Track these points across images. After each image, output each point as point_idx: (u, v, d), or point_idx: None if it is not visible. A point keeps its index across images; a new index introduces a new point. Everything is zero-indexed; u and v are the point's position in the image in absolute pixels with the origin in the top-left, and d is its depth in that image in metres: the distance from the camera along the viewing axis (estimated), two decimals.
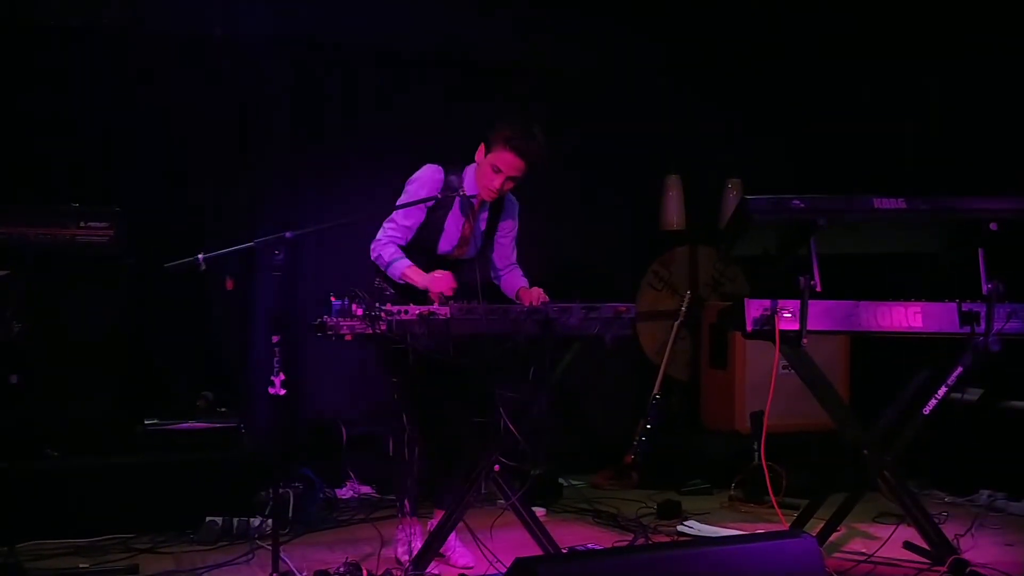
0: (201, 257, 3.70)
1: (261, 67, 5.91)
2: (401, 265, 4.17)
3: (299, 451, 5.61)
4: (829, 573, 3.94)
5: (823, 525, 4.34)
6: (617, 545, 4.67)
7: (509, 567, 2.91)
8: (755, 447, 5.61)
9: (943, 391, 4.14)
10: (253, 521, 4.78)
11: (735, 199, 6.72)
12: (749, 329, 4.07)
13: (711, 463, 6.06)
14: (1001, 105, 5.90)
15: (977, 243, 4.03)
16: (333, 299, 3.69)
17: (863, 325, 4.10)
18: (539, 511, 5.08)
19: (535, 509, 4.48)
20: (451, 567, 4.35)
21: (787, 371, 4.40)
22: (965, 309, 4.07)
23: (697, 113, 6.89)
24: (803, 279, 3.90)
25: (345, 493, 5.58)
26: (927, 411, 4.17)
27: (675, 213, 6.83)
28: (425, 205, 4.24)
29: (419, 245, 4.32)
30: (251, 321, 5.80)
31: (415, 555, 4.06)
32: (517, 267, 4.54)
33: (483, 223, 4.40)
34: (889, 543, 4.46)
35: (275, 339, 3.75)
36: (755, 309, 4.06)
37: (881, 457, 4.20)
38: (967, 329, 4.05)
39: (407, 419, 4.16)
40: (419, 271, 4.13)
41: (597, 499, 5.64)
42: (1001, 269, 4.03)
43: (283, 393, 3.74)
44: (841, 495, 4.35)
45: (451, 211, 4.30)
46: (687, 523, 5.10)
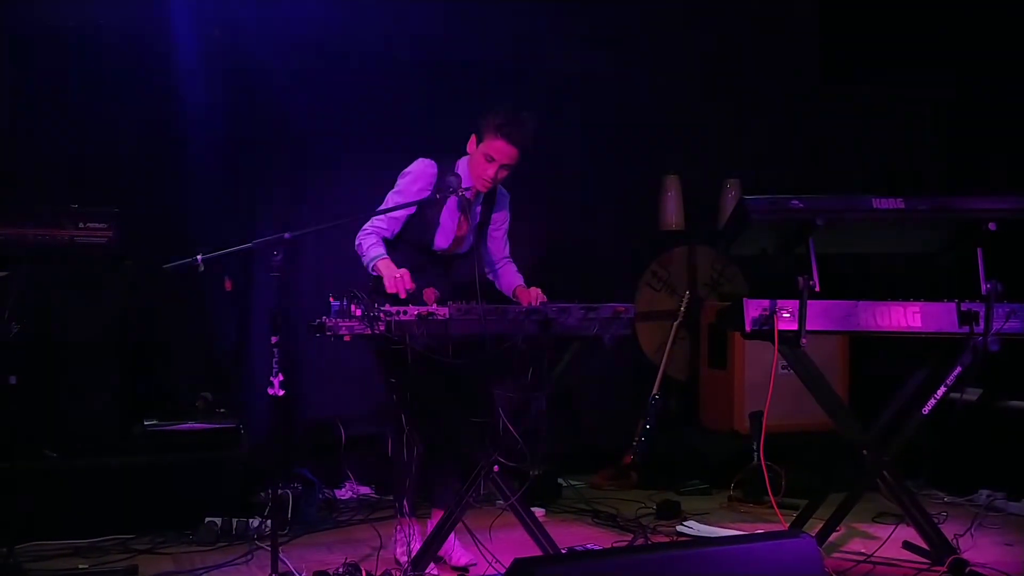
0: (200, 258, 3.70)
1: (260, 67, 5.90)
2: (375, 258, 4.14)
3: (298, 452, 5.62)
4: (828, 573, 3.94)
5: (822, 525, 4.34)
6: (616, 545, 4.67)
7: (508, 567, 2.90)
8: (754, 447, 5.61)
9: (942, 391, 4.14)
10: (252, 522, 4.78)
11: (734, 199, 6.71)
12: (748, 329, 4.07)
13: (710, 463, 6.05)
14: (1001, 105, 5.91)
15: (976, 243, 4.03)
16: (332, 300, 3.69)
17: (862, 325, 4.10)
18: (538, 511, 5.08)
19: (534, 509, 4.48)
20: (448, 566, 4.35)
21: (786, 371, 4.39)
22: (964, 309, 4.07)
23: (696, 113, 6.89)
24: (802, 279, 3.90)
25: (344, 494, 5.58)
26: (926, 411, 4.17)
27: (674, 213, 6.82)
28: (418, 198, 4.23)
29: (414, 241, 4.32)
30: (250, 322, 5.80)
31: (414, 556, 4.06)
32: (511, 261, 4.54)
33: (476, 216, 4.40)
34: (888, 543, 4.46)
35: (274, 340, 3.75)
36: (754, 309, 4.06)
37: (880, 457, 4.20)
38: (966, 329, 4.05)
39: (405, 420, 4.15)
40: (390, 265, 4.08)
41: (596, 499, 5.63)
42: (1000, 269, 4.03)
43: (282, 394, 3.75)
44: (840, 495, 4.35)
45: (446, 206, 4.29)
46: (686, 523, 5.10)
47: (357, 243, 4.24)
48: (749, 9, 6.69)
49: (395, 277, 3.97)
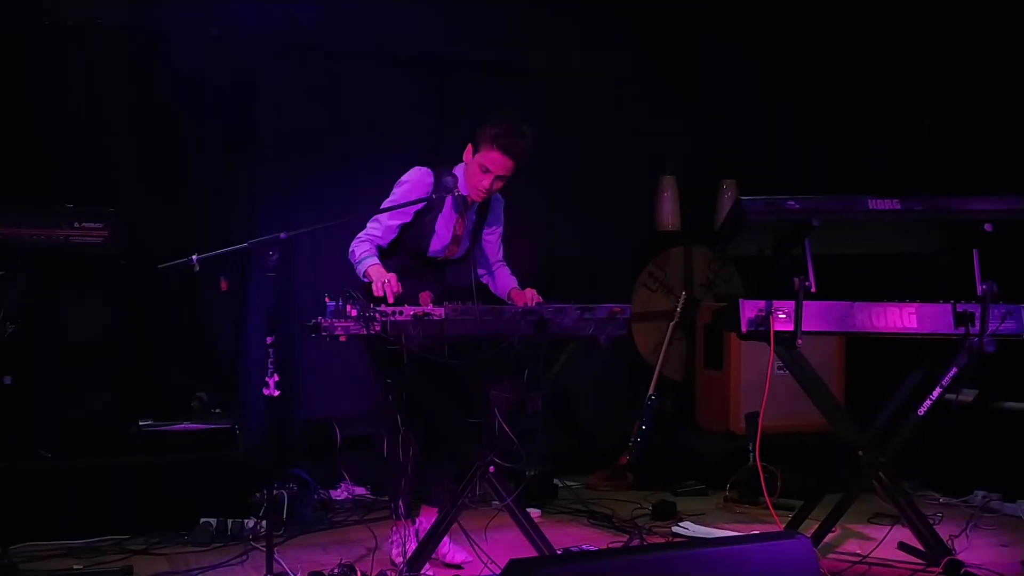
0: (195, 258, 3.69)
1: (258, 68, 5.90)
2: (366, 264, 4.11)
3: (293, 452, 5.61)
4: (824, 574, 3.94)
5: (818, 526, 4.34)
6: (612, 546, 4.67)
7: (503, 568, 2.90)
8: (750, 448, 5.60)
9: (938, 392, 4.14)
10: (247, 522, 4.78)
11: (730, 200, 6.72)
12: (744, 330, 4.07)
13: (706, 464, 6.05)
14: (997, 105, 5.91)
15: (972, 244, 4.03)
16: (328, 300, 3.68)
17: (858, 326, 4.10)
18: (534, 512, 5.08)
19: (530, 510, 4.48)
20: (444, 565, 4.35)
21: (782, 372, 4.40)
22: (960, 310, 4.07)
23: (692, 113, 6.89)
24: (798, 280, 3.90)
25: (339, 494, 5.58)
26: (922, 412, 4.17)
27: (670, 214, 6.82)
28: (414, 209, 4.23)
29: (409, 247, 4.32)
30: (245, 322, 5.79)
31: (409, 556, 4.06)
32: (505, 265, 4.54)
33: (471, 222, 4.40)
34: (884, 544, 4.46)
35: (269, 340, 3.74)
36: (750, 310, 4.07)
37: (876, 458, 4.21)
38: (962, 330, 4.05)
39: (401, 420, 4.15)
40: (380, 271, 4.04)
41: (592, 500, 5.63)
42: (996, 270, 4.04)
43: (277, 394, 3.74)
44: (836, 496, 4.35)
45: (442, 212, 4.29)
46: (682, 524, 5.10)
47: (351, 250, 4.23)
48: (744, 9, 6.68)
49: (383, 281, 3.92)
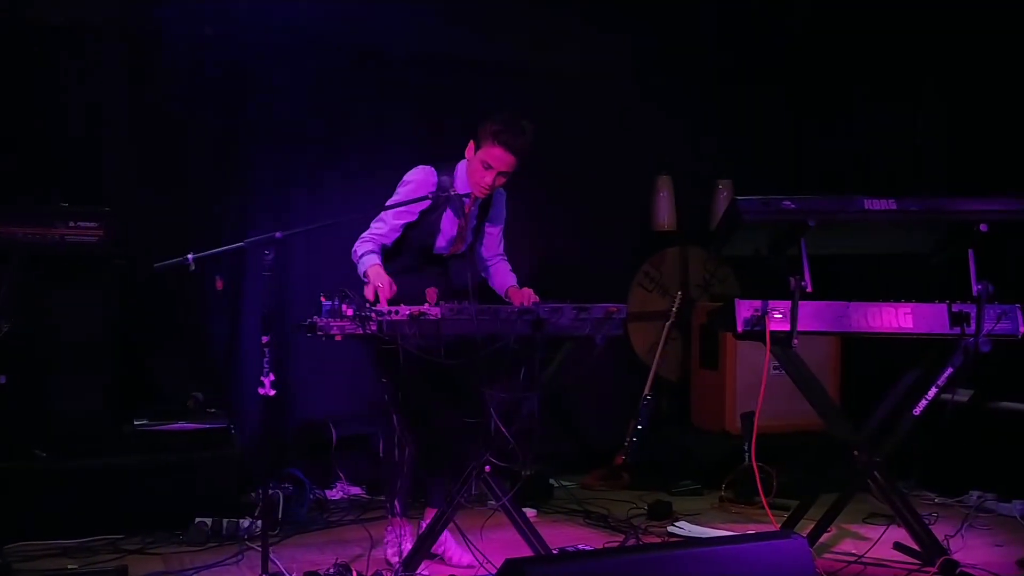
0: (191, 257, 3.69)
1: (253, 66, 5.89)
2: (367, 264, 4.13)
3: (288, 452, 5.61)
4: (819, 574, 3.94)
5: (813, 526, 4.34)
6: (608, 546, 4.66)
7: (499, 568, 2.90)
8: (746, 448, 5.61)
9: (933, 392, 4.14)
10: (242, 522, 4.76)
11: (726, 200, 6.72)
12: (740, 330, 4.07)
13: (702, 464, 6.05)
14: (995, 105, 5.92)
15: (967, 244, 4.03)
16: (323, 299, 3.68)
17: (853, 326, 4.10)
18: (530, 512, 5.08)
19: (526, 510, 4.49)
20: (447, 566, 4.35)
21: (778, 372, 4.40)
22: (955, 310, 4.08)
23: (689, 113, 6.89)
24: (794, 280, 3.90)
25: (335, 494, 5.57)
26: (917, 412, 4.17)
27: (666, 213, 6.82)
28: (419, 207, 4.24)
29: (416, 244, 4.33)
30: (241, 321, 5.78)
31: (405, 556, 4.05)
32: (505, 259, 4.54)
33: (474, 217, 4.40)
34: (879, 544, 4.46)
35: (265, 339, 3.74)
36: (746, 310, 4.06)
37: (871, 458, 4.20)
38: (957, 330, 4.06)
39: (397, 420, 4.15)
40: (379, 273, 4.04)
41: (588, 500, 5.62)
42: (991, 270, 4.04)
43: (273, 394, 3.74)
44: (832, 496, 4.35)
45: (446, 211, 4.30)
46: (677, 524, 5.09)
47: (354, 249, 4.23)
48: (742, 8, 6.69)
49: (377, 287, 3.92)
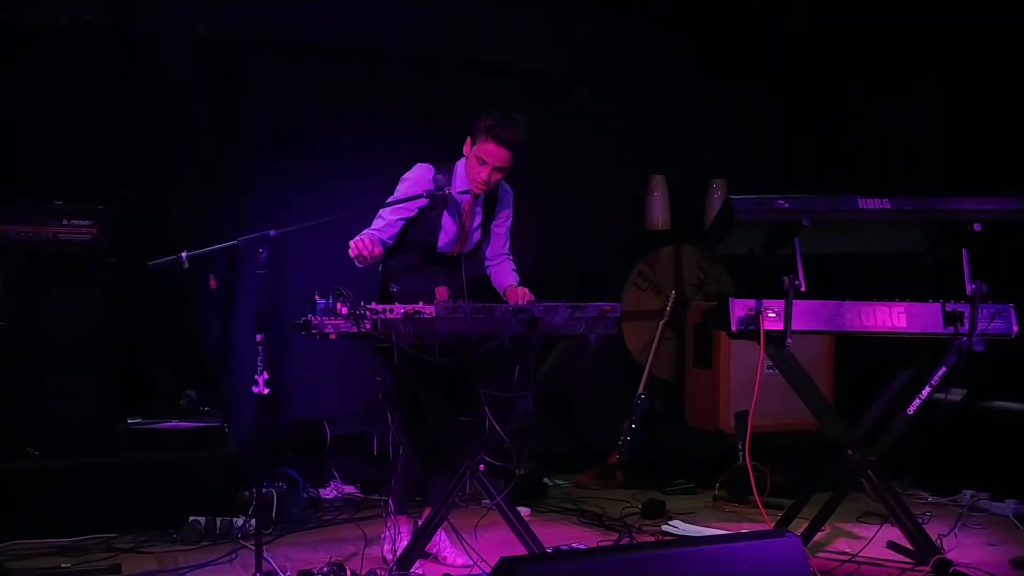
0: (185, 255, 3.69)
1: (247, 65, 5.88)
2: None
3: (282, 450, 5.60)
4: (813, 573, 3.95)
5: (807, 525, 4.34)
6: (602, 545, 4.67)
7: (494, 567, 2.90)
8: (739, 447, 5.62)
9: (927, 391, 4.15)
10: (236, 521, 4.76)
11: (720, 199, 6.73)
12: (734, 329, 4.07)
13: (696, 463, 6.05)
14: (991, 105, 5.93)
15: (961, 243, 4.04)
16: (318, 298, 3.67)
17: (847, 325, 4.11)
18: (524, 511, 5.07)
19: (520, 509, 4.48)
20: (441, 565, 4.35)
21: (771, 371, 4.40)
22: (949, 309, 4.08)
23: (683, 113, 6.89)
24: (787, 279, 3.90)
25: (329, 493, 5.56)
26: (911, 411, 4.18)
27: (660, 213, 6.83)
28: (417, 204, 4.24)
29: (417, 243, 4.33)
30: (235, 320, 5.77)
31: (399, 554, 4.05)
32: (509, 258, 4.53)
33: (479, 215, 4.40)
34: (873, 543, 4.47)
35: (259, 338, 3.73)
36: (740, 309, 4.07)
37: (865, 457, 4.21)
38: (951, 329, 4.07)
39: (391, 418, 4.15)
40: (364, 234, 4.10)
41: (582, 499, 5.63)
42: (984, 269, 4.05)
43: (267, 392, 3.73)
44: (825, 495, 4.35)
45: (447, 208, 4.29)
46: (671, 523, 5.10)
47: (350, 244, 4.23)
48: (736, 8, 6.69)
49: (362, 237, 3.99)
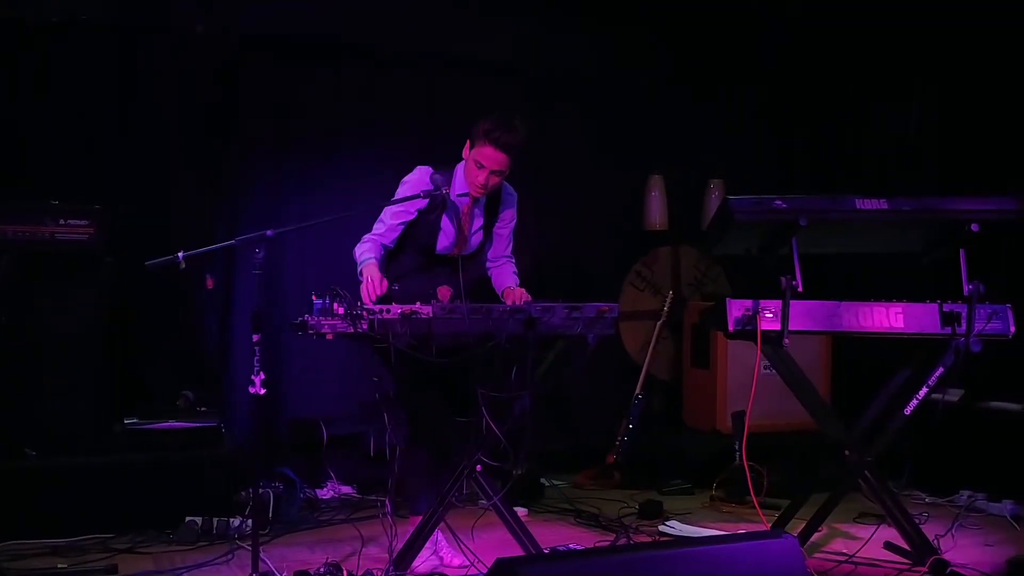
0: (181, 255, 3.68)
1: (245, 64, 5.87)
2: (364, 265, 4.15)
3: (279, 451, 5.60)
4: (810, 573, 3.94)
5: (804, 525, 4.34)
6: (599, 545, 4.67)
7: (490, 567, 2.90)
8: (736, 447, 5.60)
9: (924, 391, 4.15)
10: (233, 521, 4.76)
11: (718, 199, 6.73)
12: (731, 329, 4.07)
13: (693, 463, 6.05)
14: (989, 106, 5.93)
15: (959, 244, 4.04)
16: (314, 298, 3.67)
17: (845, 325, 4.11)
18: (521, 511, 5.07)
19: (517, 509, 4.48)
20: (450, 568, 4.33)
21: (769, 371, 4.40)
22: (946, 310, 4.08)
23: (680, 112, 6.89)
24: (785, 279, 3.90)
25: (326, 493, 5.56)
26: (908, 411, 4.18)
27: (658, 213, 6.83)
28: (416, 206, 4.23)
29: (418, 244, 4.32)
30: (232, 320, 5.77)
31: (396, 555, 4.05)
32: (511, 261, 4.53)
33: (481, 217, 4.39)
34: (870, 543, 4.47)
35: (256, 338, 3.73)
36: (737, 309, 4.07)
37: (862, 457, 4.21)
38: (948, 330, 4.06)
39: (388, 418, 4.14)
40: (373, 271, 4.08)
41: (579, 499, 5.63)
42: (982, 270, 4.05)
43: (263, 392, 3.73)
44: (822, 495, 4.35)
45: (447, 210, 4.29)
46: (669, 523, 5.10)
47: (354, 251, 4.25)
48: (734, 8, 6.69)
49: (369, 278, 3.98)
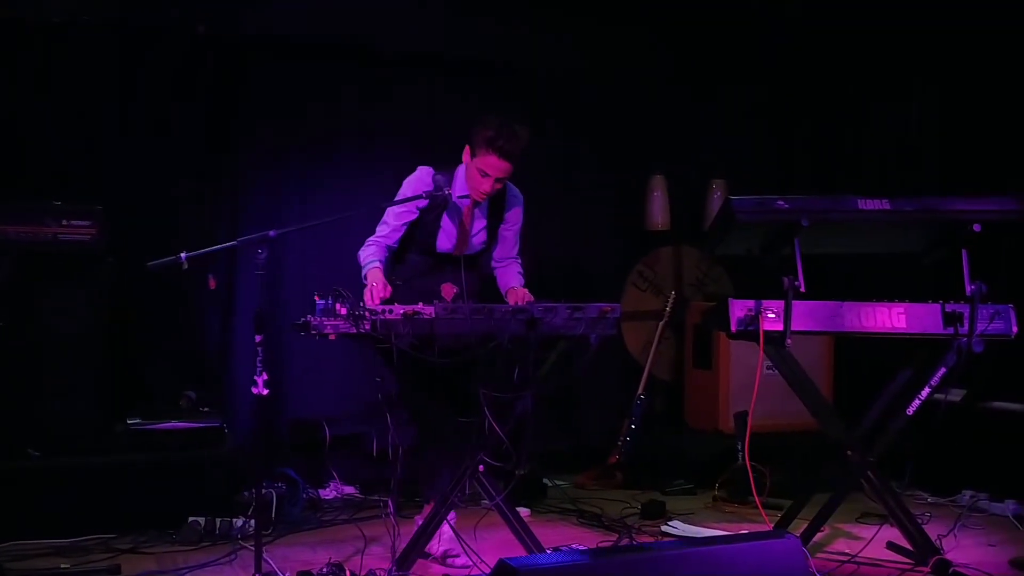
0: (184, 256, 3.69)
1: (245, 65, 5.88)
2: (368, 268, 4.18)
3: (282, 451, 5.60)
4: (813, 573, 3.94)
5: (807, 525, 4.35)
6: (601, 545, 4.67)
7: (493, 567, 2.90)
8: (739, 447, 5.61)
9: (926, 392, 4.15)
10: (236, 521, 4.76)
11: (720, 199, 6.73)
12: (733, 329, 4.07)
13: (695, 463, 6.05)
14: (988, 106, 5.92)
15: (960, 244, 4.04)
16: (317, 298, 3.67)
17: (847, 326, 4.11)
18: (523, 511, 5.07)
19: (519, 509, 4.48)
20: (441, 566, 4.34)
21: (771, 371, 4.40)
22: (948, 310, 4.08)
23: (682, 113, 6.89)
24: (787, 279, 3.90)
25: (328, 493, 5.56)
26: (910, 411, 4.18)
27: (660, 213, 6.83)
28: (417, 207, 4.24)
29: (420, 244, 4.34)
30: (234, 320, 5.77)
31: (399, 555, 4.05)
32: (517, 261, 4.54)
33: (483, 218, 4.40)
34: (872, 543, 4.47)
35: (258, 339, 3.73)
36: (739, 309, 4.07)
37: (864, 457, 4.21)
38: (950, 330, 4.07)
39: (391, 419, 4.14)
40: (377, 275, 4.11)
41: (581, 499, 5.63)
42: (984, 270, 4.04)
43: (266, 393, 3.74)
44: (825, 495, 4.35)
45: (447, 209, 4.29)
46: (671, 523, 5.10)
47: (358, 254, 4.27)
48: (735, 8, 6.69)
49: (373, 284, 4.00)
